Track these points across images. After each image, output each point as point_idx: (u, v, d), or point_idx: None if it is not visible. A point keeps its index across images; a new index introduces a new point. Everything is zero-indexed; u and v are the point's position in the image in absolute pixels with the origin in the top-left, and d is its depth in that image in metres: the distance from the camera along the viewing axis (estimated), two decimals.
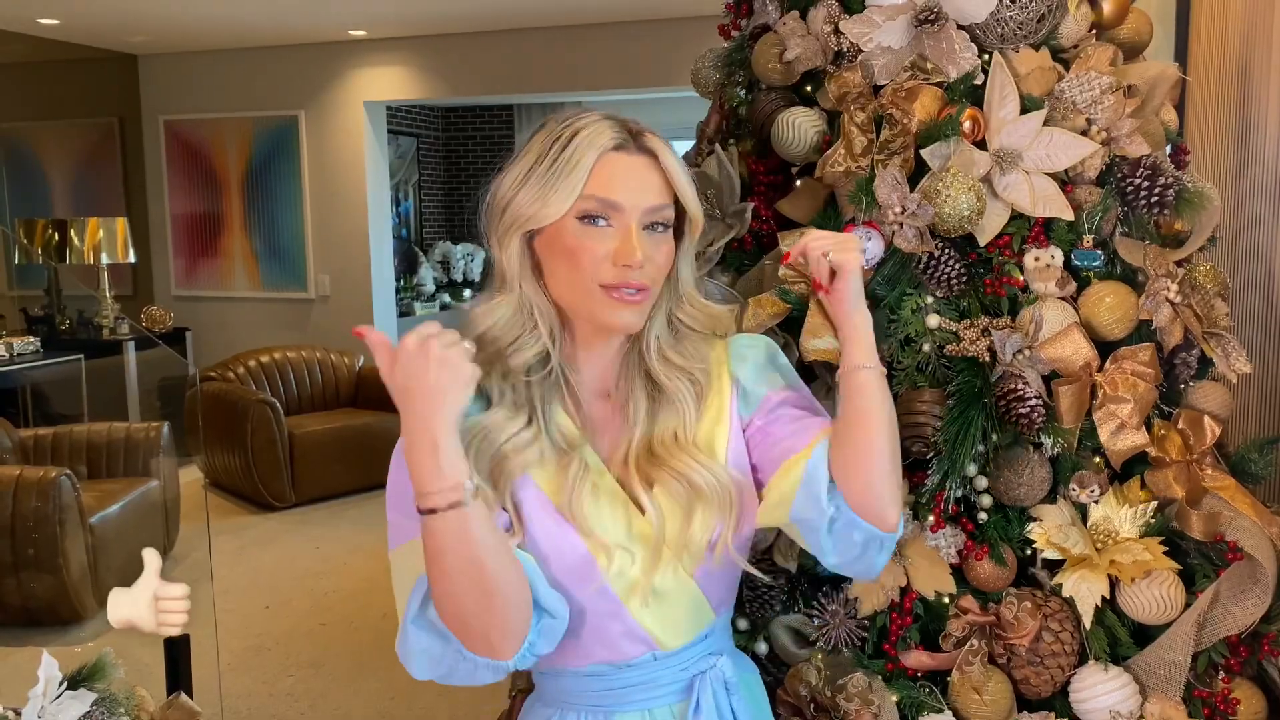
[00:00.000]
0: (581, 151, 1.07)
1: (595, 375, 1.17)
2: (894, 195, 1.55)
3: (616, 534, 1.11)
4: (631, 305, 1.08)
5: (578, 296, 1.10)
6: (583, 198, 1.07)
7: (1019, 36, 1.63)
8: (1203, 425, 1.60)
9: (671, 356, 1.16)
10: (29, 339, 5.47)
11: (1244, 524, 1.55)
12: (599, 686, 1.16)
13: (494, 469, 1.08)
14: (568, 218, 1.07)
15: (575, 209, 1.07)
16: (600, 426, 1.16)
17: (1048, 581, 1.57)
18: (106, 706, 1.53)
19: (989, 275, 1.60)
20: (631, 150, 1.10)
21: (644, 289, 1.09)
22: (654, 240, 1.10)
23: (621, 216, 1.08)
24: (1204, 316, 1.63)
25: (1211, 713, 1.54)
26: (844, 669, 1.55)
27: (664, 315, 1.16)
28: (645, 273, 1.08)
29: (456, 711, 3.23)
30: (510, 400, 1.11)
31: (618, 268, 1.07)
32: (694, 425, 1.15)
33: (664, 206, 1.10)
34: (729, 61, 1.94)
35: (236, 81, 6.75)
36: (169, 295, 7.05)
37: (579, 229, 1.07)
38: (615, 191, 1.07)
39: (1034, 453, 1.57)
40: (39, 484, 3.71)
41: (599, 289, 1.08)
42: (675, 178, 1.11)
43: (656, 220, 1.10)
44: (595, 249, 1.07)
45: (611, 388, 1.17)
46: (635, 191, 1.08)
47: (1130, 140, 1.63)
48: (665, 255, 1.11)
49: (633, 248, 1.06)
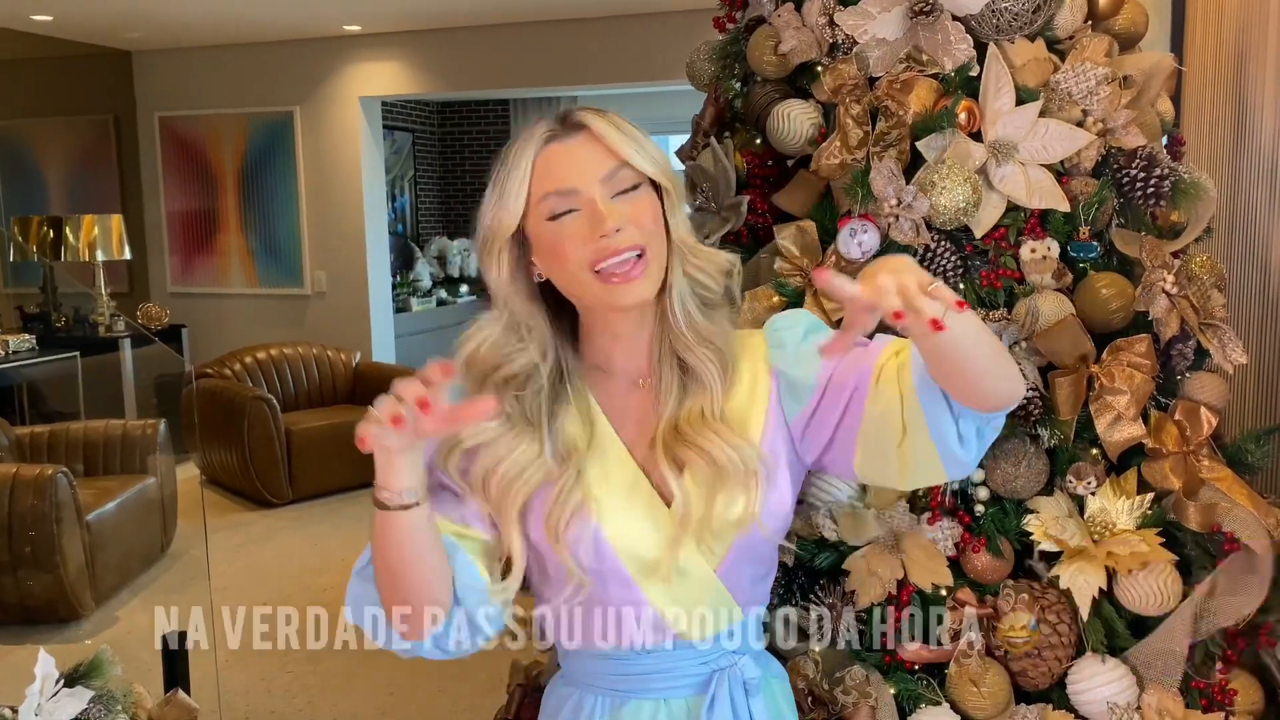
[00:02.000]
0: (519, 153, 1.10)
1: (628, 360, 1.17)
2: (890, 187, 1.55)
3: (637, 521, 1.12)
4: (630, 279, 1.08)
5: (580, 289, 1.11)
6: (540, 200, 1.09)
7: (1014, 27, 1.63)
8: (1199, 416, 1.60)
9: (700, 326, 1.15)
10: (25, 337, 5.46)
11: (1241, 515, 1.55)
12: (618, 670, 1.18)
13: (504, 496, 1.11)
14: (538, 222, 1.09)
15: (540, 212, 1.09)
16: (627, 414, 1.17)
17: (1045, 573, 1.57)
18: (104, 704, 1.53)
19: (985, 267, 1.60)
20: (564, 135, 1.10)
21: (638, 251, 1.08)
22: (626, 201, 1.09)
23: (581, 197, 1.08)
24: (1200, 308, 1.63)
25: (1209, 703, 1.54)
26: (841, 662, 1.55)
27: (681, 275, 1.14)
28: (628, 234, 1.08)
29: (456, 706, 3.23)
30: (519, 415, 1.13)
31: (597, 242, 1.07)
32: (720, 401, 1.14)
33: (618, 168, 1.09)
34: (724, 54, 1.93)
35: (232, 78, 6.73)
36: (165, 292, 7.04)
37: (554, 228, 1.09)
38: (562, 178, 1.08)
39: (1031, 444, 1.57)
40: (36, 482, 3.71)
41: (591, 277, 1.08)
42: (611, 142, 1.09)
43: (620, 186, 1.09)
44: (573, 236, 1.08)
45: (644, 372, 1.18)
46: (582, 169, 1.09)
47: (1126, 131, 1.63)
48: (648, 211, 1.10)
49: (601, 215, 1.07)
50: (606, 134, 1.10)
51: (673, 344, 1.15)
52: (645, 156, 1.11)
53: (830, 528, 1.58)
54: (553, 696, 1.26)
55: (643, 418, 1.16)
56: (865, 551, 1.57)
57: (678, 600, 1.14)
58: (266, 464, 5.25)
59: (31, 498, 3.68)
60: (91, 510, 3.92)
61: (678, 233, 1.14)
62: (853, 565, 1.57)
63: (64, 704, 1.48)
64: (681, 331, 1.14)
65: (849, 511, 1.57)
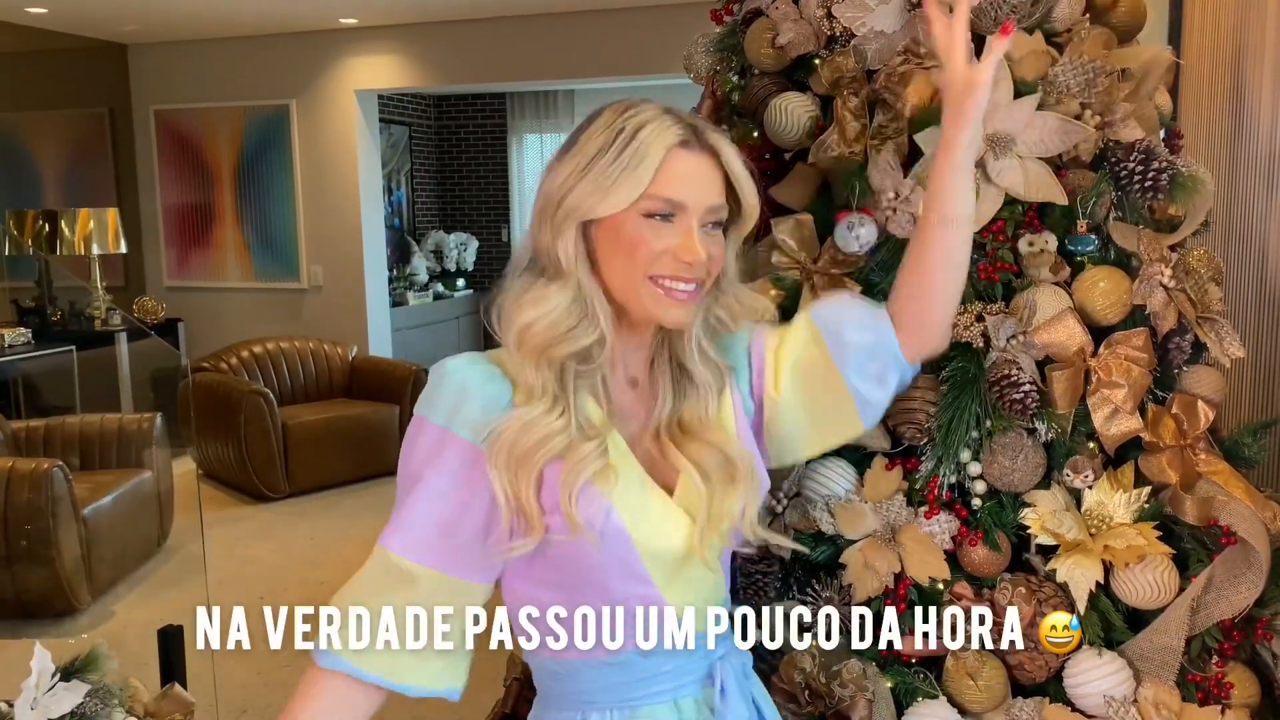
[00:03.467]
0: (648, 146, 1.06)
1: (628, 365, 1.17)
2: (888, 180, 1.55)
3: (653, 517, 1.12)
4: (683, 303, 1.09)
5: (630, 289, 1.09)
6: (648, 196, 1.06)
7: (1013, 20, 1.62)
8: (1196, 410, 1.60)
9: (708, 350, 1.17)
10: (20, 330, 5.45)
11: (1238, 508, 1.56)
12: (622, 678, 1.14)
13: (523, 461, 1.08)
14: (630, 212, 1.07)
15: (640, 206, 1.07)
16: (627, 414, 1.16)
17: (1042, 567, 1.57)
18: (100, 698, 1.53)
19: (983, 260, 1.60)
20: (695, 148, 1.09)
21: (699, 285, 1.10)
22: (710, 239, 1.10)
23: (685, 215, 1.08)
24: (1198, 301, 1.63)
25: (1205, 696, 1.54)
26: (838, 656, 1.55)
27: (703, 312, 1.16)
28: (702, 270, 1.09)
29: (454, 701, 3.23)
30: (551, 391, 1.10)
31: (677, 263, 1.07)
32: (715, 412, 1.17)
33: (722, 206, 1.11)
34: (721, 47, 1.93)
35: (227, 71, 6.71)
36: (161, 286, 7.03)
37: (641, 223, 1.07)
38: (680, 191, 1.07)
39: (1028, 438, 1.57)
40: (31, 476, 3.70)
41: (648, 282, 1.08)
42: (737, 176, 1.11)
43: (714, 219, 1.11)
44: (654, 244, 1.07)
45: (640, 377, 1.18)
46: (699, 190, 1.08)
47: (1124, 125, 1.63)
48: (720, 253, 1.12)
49: (695, 246, 1.07)
50: (733, 167, 1.11)
51: (675, 353, 1.17)
52: (754, 194, 1.13)
53: (827, 521, 1.58)
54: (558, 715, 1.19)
55: (642, 422, 1.16)
56: (862, 545, 1.57)
57: (688, 596, 1.13)
58: (263, 458, 5.25)
59: (27, 492, 3.67)
60: (88, 504, 3.91)
61: (729, 269, 1.15)
62: (849, 559, 1.57)
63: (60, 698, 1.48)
64: (692, 355, 1.16)
65: (845, 505, 1.57)
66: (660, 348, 1.17)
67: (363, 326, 6.69)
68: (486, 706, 1.97)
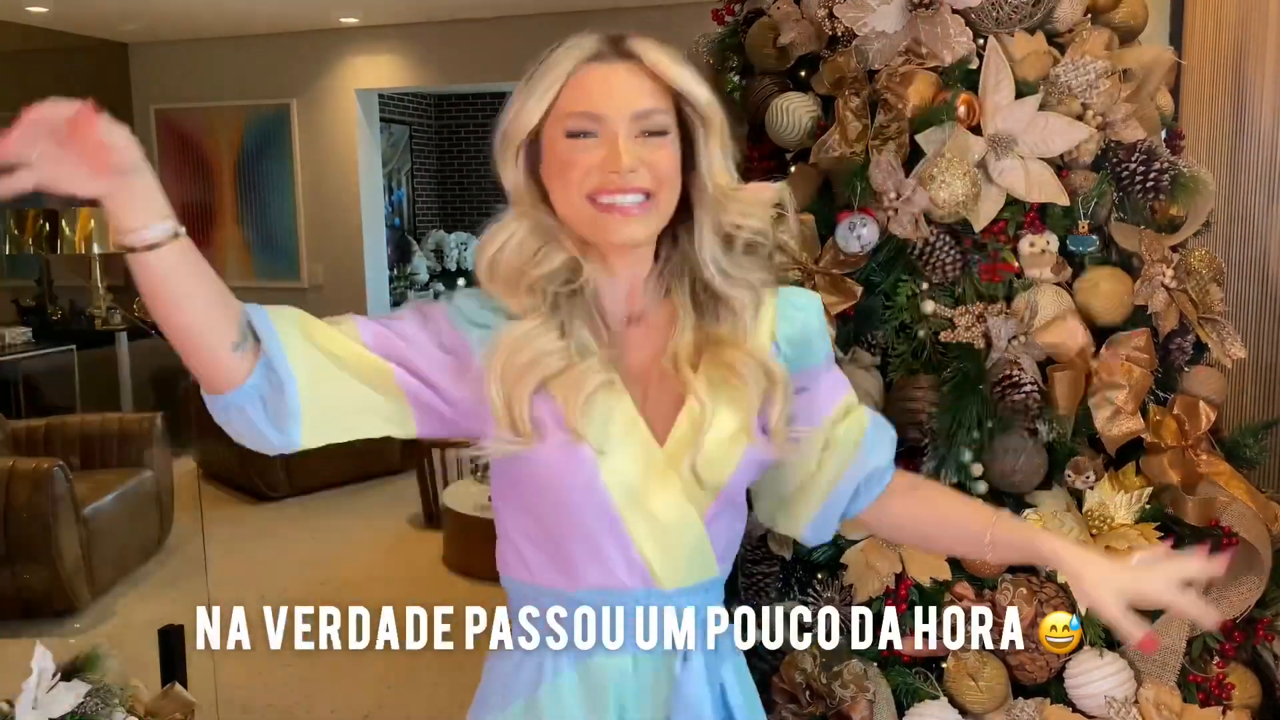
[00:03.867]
0: (556, 62, 1.08)
1: (619, 299, 1.14)
2: (889, 181, 1.54)
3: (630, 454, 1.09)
4: (631, 217, 1.06)
5: (574, 215, 1.08)
6: (564, 114, 1.06)
7: (1014, 20, 1.62)
8: (1198, 410, 1.60)
9: (731, 270, 1.12)
10: (21, 330, 5.45)
11: (1239, 509, 1.55)
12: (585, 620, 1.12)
13: (517, 379, 1.07)
14: (555, 133, 1.07)
15: (560, 125, 1.06)
16: (627, 350, 1.13)
17: (1043, 568, 1.57)
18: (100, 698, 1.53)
19: (984, 261, 1.60)
20: (610, 58, 1.08)
21: (646, 194, 1.06)
22: (649, 146, 1.06)
23: (605, 126, 1.05)
24: (1199, 302, 1.63)
25: (1206, 697, 1.54)
26: (839, 656, 1.55)
27: (712, 228, 1.11)
28: (640, 177, 1.05)
29: (454, 699, 3.23)
30: (542, 312, 1.09)
31: (605, 174, 1.04)
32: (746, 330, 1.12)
33: (654, 111, 1.07)
34: (723, 47, 1.93)
35: (228, 70, 6.71)
36: None
37: (567, 146, 1.06)
38: (595, 102, 1.05)
39: (1029, 439, 1.57)
40: (32, 475, 3.70)
41: (588, 204, 1.06)
42: (668, 73, 1.07)
43: (649, 128, 1.07)
44: (582, 161, 1.05)
45: (640, 311, 1.14)
46: (617, 99, 1.06)
47: (1125, 125, 1.63)
48: (667, 160, 1.07)
49: (618, 153, 1.04)
50: (660, 66, 1.07)
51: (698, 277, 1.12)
52: (694, 85, 1.08)
53: None
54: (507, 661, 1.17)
55: (640, 362, 1.12)
56: (863, 545, 1.57)
57: (659, 540, 1.10)
58: (263, 457, 5.15)
59: (28, 491, 3.67)
60: (88, 504, 3.91)
61: (714, 178, 1.10)
62: (851, 559, 1.57)
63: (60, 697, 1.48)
64: (713, 279, 1.11)
65: None
66: (676, 279, 1.13)
67: None
68: None
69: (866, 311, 1.63)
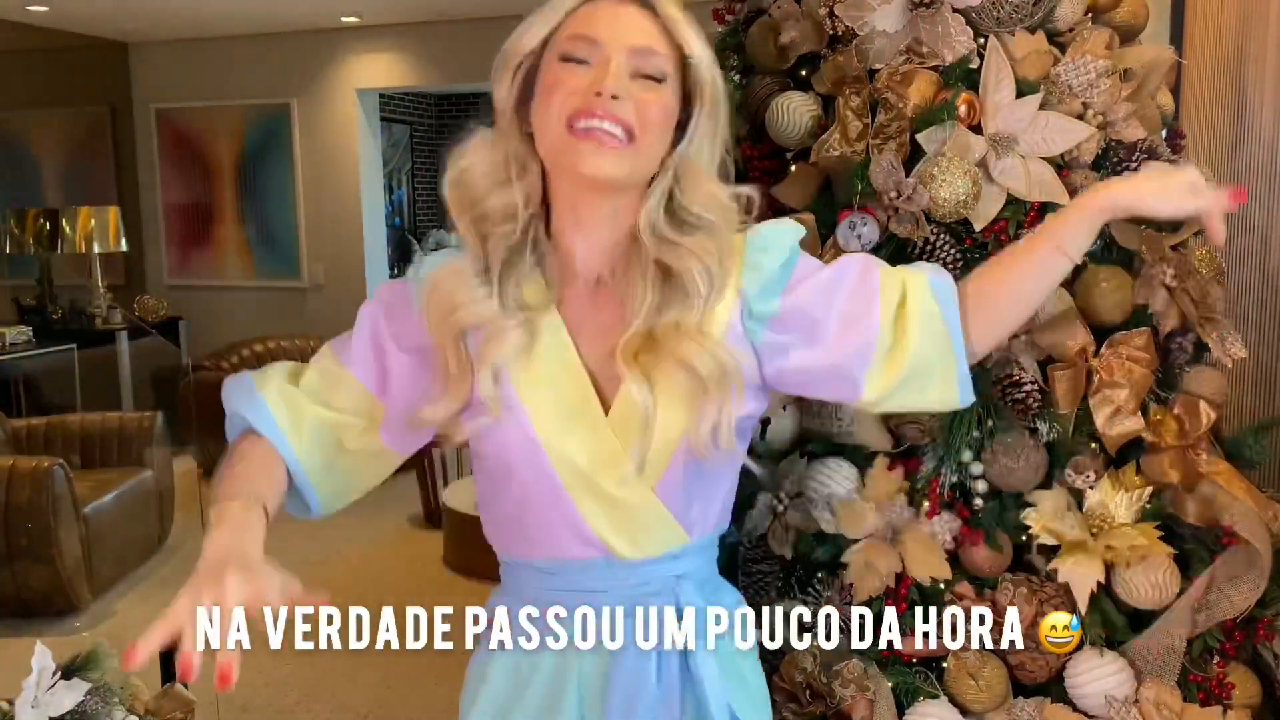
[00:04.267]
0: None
1: (588, 257, 1.10)
2: (889, 180, 1.54)
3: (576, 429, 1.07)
4: (604, 147, 1.01)
5: (550, 140, 1.04)
6: (563, 37, 1.04)
7: (1015, 20, 1.62)
8: (1198, 410, 1.60)
9: (673, 238, 1.07)
10: (21, 329, 5.45)
11: (1239, 509, 1.55)
12: (551, 584, 1.12)
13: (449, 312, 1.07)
14: (550, 57, 1.05)
15: (557, 49, 1.05)
16: (584, 315, 1.10)
17: (1043, 567, 1.57)
18: (100, 696, 1.53)
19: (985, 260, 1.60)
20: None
21: (623, 128, 1.02)
22: (642, 87, 1.04)
23: (600, 52, 1.03)
24: (1200, 301, 1.63)
25: (1206, 697, 1.54)
26: (839, 655, 1.55)
27: (661, 194, 1.07)
28: (622, 107, 1.01)
29: (453, 699, 3.23)
30: (475, 252, 1.09)
31: (590, 96, 1.01)
32: (701, 315, 1.07)
33: (653, 52, 1.04)
34: (723, 46, 1.92)
35: (228, 69, 6.71)
36: (162, 284, 7.03)
37: (558, 69, 1.04)
38: (596, 28, 1.03)
39: (1030, 438, 1.57)
40: (32, 474, 3.70)
41: (567, 131, 1.02)
42: (674, 24, 1.06)
43: (646, 70, 1.04)
44: (569, 83, 1.03)
45: (606, 274, 1.11)
46: (618, 30, 1.04)
47: (1126, 124, 1.63)
48: (657, 105, 1.04)
49: (609, 76, 1.01)
50: (668, 15, 1.06)
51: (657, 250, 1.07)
52: (697, 44, 1.07)
53: (828, 520, 1.58)
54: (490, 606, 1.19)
55: (603, 327, 1.09)
56: (863, 545, 1.57)
57: (610, 514, 1.08)
58: None
59: (28, 490, 3.68)
60: (88, 503, 3.92)
61: (687, 147, 1.08)
62: (851, 558, 1.57)
63: (61, 696, 1.48)
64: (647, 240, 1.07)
65: (847, 505, 1.57)
66: (633, 245, 1.09)
67: None
68: None
69: None
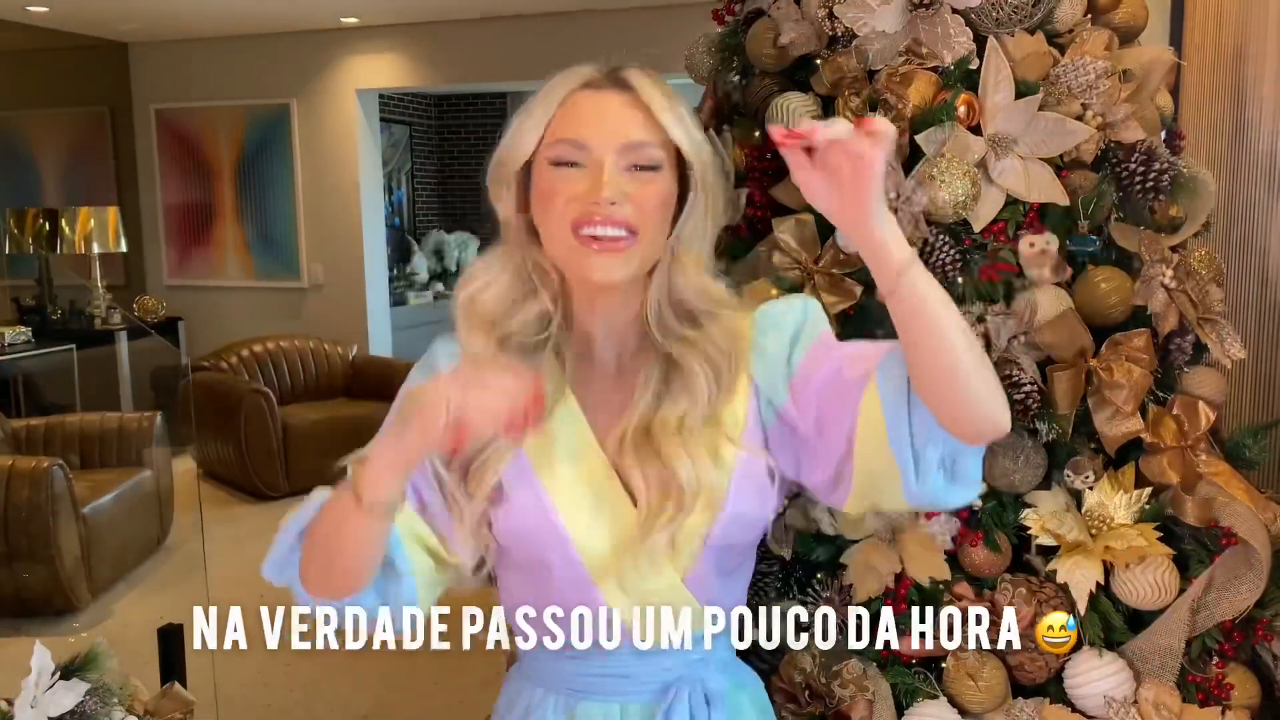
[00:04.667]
0: (552, 88, 1.04)
1: (607, 338, 1.10)
2: (889, 181, 1.54)
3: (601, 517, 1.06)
4: (608, 252, 1.01)
5: (558, 247, 1.04)
6: (552, 142, 1.03)
7: (1014, 21, 1.62)
8: (1197, 411, 1.60)
9: (677, 330, 1.06)
10: (20, 329, 5.45)
11: (1238, 509, 1.56)
12: (573, 670, 1.12)
13: None
14: (542, 164, 1.03)
15: (547, 154, 1.03)
16: (600, 400, 1.09)
17: (1042, 567, 1.57)
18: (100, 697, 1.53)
19: (984, 261, 1.60)
20: (603, 87, 1.04)
21: (625, 228, 1.01)
22: (637, 180, 1.02)
23: (590, 155, 1.01)
24: (1199, 302, 1.63)
25: (1205, 697, 1.54)
26: (839, 656, 1.55)
27: (662, 280, 1.06)
28: (621, 210, 1.00)
29: (451, 700, 3.24)
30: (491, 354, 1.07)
31: (587, 204, 1.00)
32: (704, 410, 1.05)
33: (644, 144, 1.02)
34: (723, 47, 1.93)
35: (228, 70, 6.71)
36: (161, 285, 7.03)
37: (552, 174, 1.02)
38: (582, 131, 1.01)
39: (1029, 439, 1.57)
40: (31, 474, 3.70)
41: (572, 238, 1.01)
42: (659, 112, 1.02)
43: (639, 162, 1.02)
44: (565, 190, 1.01)
45: (626, 355, 1.10)
46: (605, 129, 1.02)
47: (1125, 125, 1.63)
48: (655, 197, 1.02)
49: (601, 183, 1.00)
50: (652, 102, 1.03)
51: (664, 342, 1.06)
52: (684, 133, 1.04)
53: (828, 521, 1.58)
54: (509, 688, 1.21)
55: (614, 407, 1.08)
56: (863, 545, 1.57)
57: (638, 604, 1.07)
58: (263, 457, 5.24)
59: (27, 490, 3.67)
60: (87, 503, 3.91)
61: (683, 230, 1.06)
62: (850, 559, 1.57)
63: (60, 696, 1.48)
64: (652, 328, 1.06)
65: None
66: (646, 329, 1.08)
67: (363, 326, 6.69)
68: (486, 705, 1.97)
69: (867, 311, 1.63)
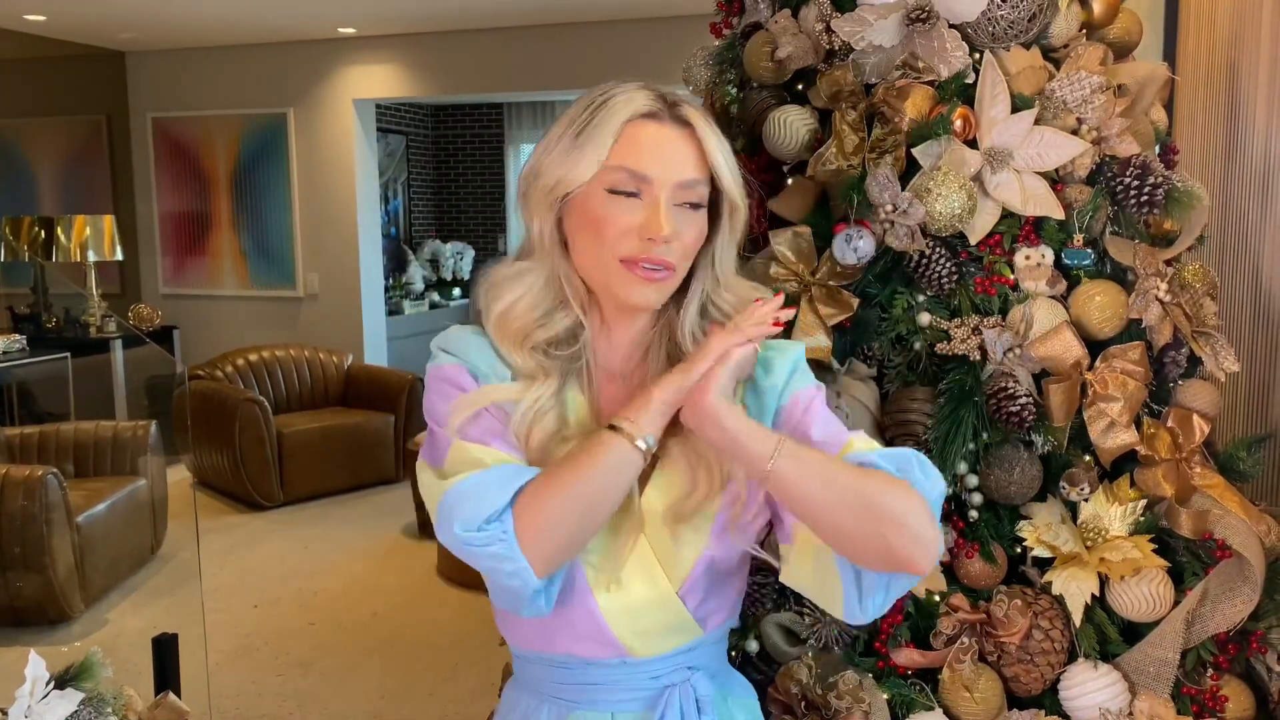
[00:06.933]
0: (611, 115, 1.04)
1: (614, 357, 1.13)
2: (885, 194, 1.55)
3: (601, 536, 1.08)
4: (653, 283, 1.04)
5: (599, 271, 1.06)
6: (611, 168, 1.03)
7: (1010, 35, 1.63)
8: (1192, 424, 1.61)
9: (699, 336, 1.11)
10: (15, 337, 5.43)
11: (1232, 522, 1.56)
12: (565, 679, 1.13)
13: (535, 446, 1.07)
14: (595, 187, 1.04)
15: (603, 180, 1.03)
16: (608, 409, 1.11)
17: (1038, 579, 1.58)
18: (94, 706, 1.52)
19: (980, 274, 1.61)
20: (665, 120, 1.05)
21: (668, 267, 1.04)
22: (685, 217, 1.05)
23: (650, 189, 1.03)
24: (1193, 315, 1.64)
25: (1200, 710, 1.55)
26: (835, 667, 1.55)
27: (699, 301, 1.11)
28: (671, 249, 1.04)
29: (446, 709, 3.23)
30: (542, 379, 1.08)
31: (642, 241, 1.03)
32: None
33: (697, 183, 1.05)
34: (720, 60, 1.94)
35: (225, 79, 6.72)
36: (157, 293, 7.02)
37: (606, 200, 1.03)
38: (644, 163, 1.03)
39: (1024, 451, 1.58)
40: (25, 483, 3.69)
41: (618, 264, 1.04)
42: (712, 153, 1.05)
43: (690, 200, 1.05)
44: (621, 221, 1.03)
45: (628, 370, 1.13)
46: (667, 164, 1.03)
47: (1120, 140, 1.64)
48: (695, 235, 1.06)
49: (660, 222, 1.02)
50: (708, 143, 1.05)
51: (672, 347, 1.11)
52: (733, 179, 1.07)
53: None
54: (506, 699, 1.23)
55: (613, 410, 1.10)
56: None
57: (631, 615, 1.09)
58: (258, 466, 5.24)
59: (21, 499, 3.66)
60: (81, 511, 3.90)
61: (722, 262, 1.11)
62: None
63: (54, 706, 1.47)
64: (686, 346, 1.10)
65: None
66: (654, 341, 1.12)
67: (358, 335, 6.68)
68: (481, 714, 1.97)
69: (863, 323, 1.64)
